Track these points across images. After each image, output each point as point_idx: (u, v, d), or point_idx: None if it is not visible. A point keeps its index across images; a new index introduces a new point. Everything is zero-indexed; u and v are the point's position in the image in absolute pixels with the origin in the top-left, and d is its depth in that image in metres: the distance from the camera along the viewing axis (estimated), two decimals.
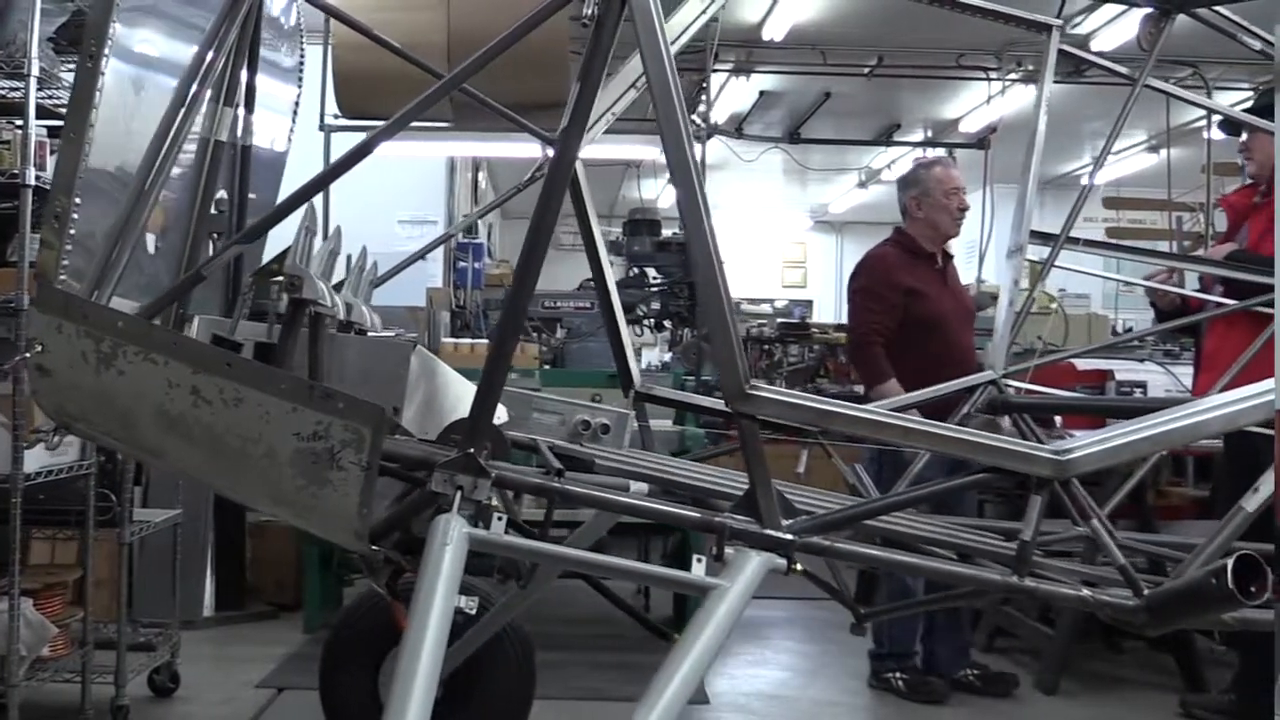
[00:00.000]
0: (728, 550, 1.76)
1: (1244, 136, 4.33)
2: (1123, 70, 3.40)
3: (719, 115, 9.00)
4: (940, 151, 9.53)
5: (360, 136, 6.23)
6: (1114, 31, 7.26)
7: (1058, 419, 4.87)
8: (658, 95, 1.73)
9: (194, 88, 2.23)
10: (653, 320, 8.46)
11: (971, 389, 3.16)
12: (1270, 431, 2.36)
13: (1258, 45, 3.30)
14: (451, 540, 1.70)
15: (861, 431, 1.79)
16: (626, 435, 2.72)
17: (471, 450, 1.77)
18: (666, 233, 8.59)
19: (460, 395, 2.49)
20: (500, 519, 1.75)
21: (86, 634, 3.75)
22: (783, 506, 1.79)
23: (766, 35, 7.44)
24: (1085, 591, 1.83)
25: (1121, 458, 1.80)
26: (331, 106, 5.83)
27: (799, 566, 1.77)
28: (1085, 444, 1.80)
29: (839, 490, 2.54)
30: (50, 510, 3.85)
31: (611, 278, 3.17)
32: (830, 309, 12.80)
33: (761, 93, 8.94)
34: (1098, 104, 7.94)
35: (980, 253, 8.24)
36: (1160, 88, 3.34)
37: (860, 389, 5.08)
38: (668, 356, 10.22)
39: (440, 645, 1.64)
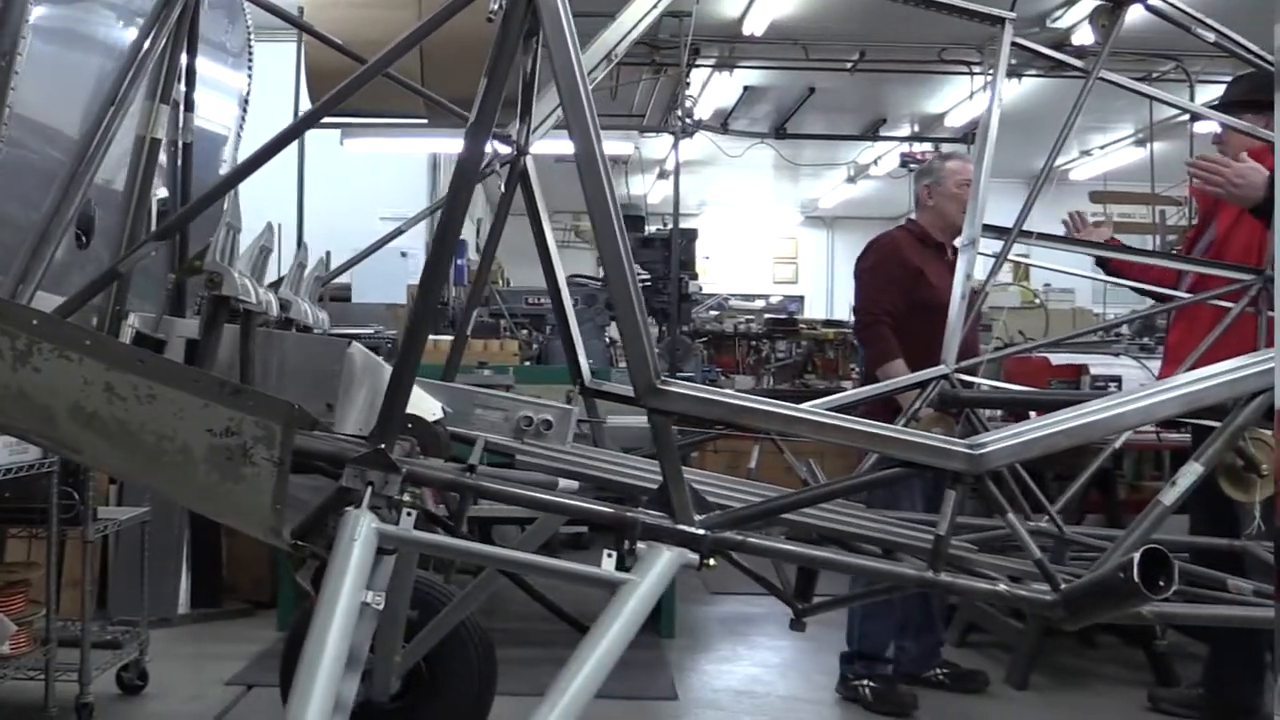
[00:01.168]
0: (640, 546, 1.76)
1: (1218, 128, 4.32)
2: (1076, 63, 3.40)
3: (704, 111, 8.99)
4: (927, 146, 9.53)
5: (335, 133, 6.20)
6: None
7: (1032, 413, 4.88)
8: (565, 92, 1.73)
9: (125, 84, 2.23)
10: None
11: (925, 384, 3.16)
12: (1204, 423, 2.37)
13: (1211, 37, 3.29)
14: (359, 536, 1.71)
15: (775, 426, 1.78)
16: (570, 431, 2.72)
17: (382, 446, 1.77)
18: (650, 229, 8.60)
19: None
20: (410, 514, 1.75)
21: (50, 632, 3.75)
22: (696, 501, 1.79)
23: (747, 30, 7.44)
24: (1002, 586, 1.83)
25: (1035, 452, 1.79)
26: (305, 102, 5.84)
27: (712, 561, 1.77)
28: (999, 438, 1.80)
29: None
30: (18, 509, 3.86)
31: (562, 274, 3.17)
32: (821, 305, 12.81)
33: (746, 88, 8.93)
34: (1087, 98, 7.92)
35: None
36: (1115, 80, 3.32)
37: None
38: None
39: (345, 639, 1.65)
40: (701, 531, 1.76)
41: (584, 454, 2.30)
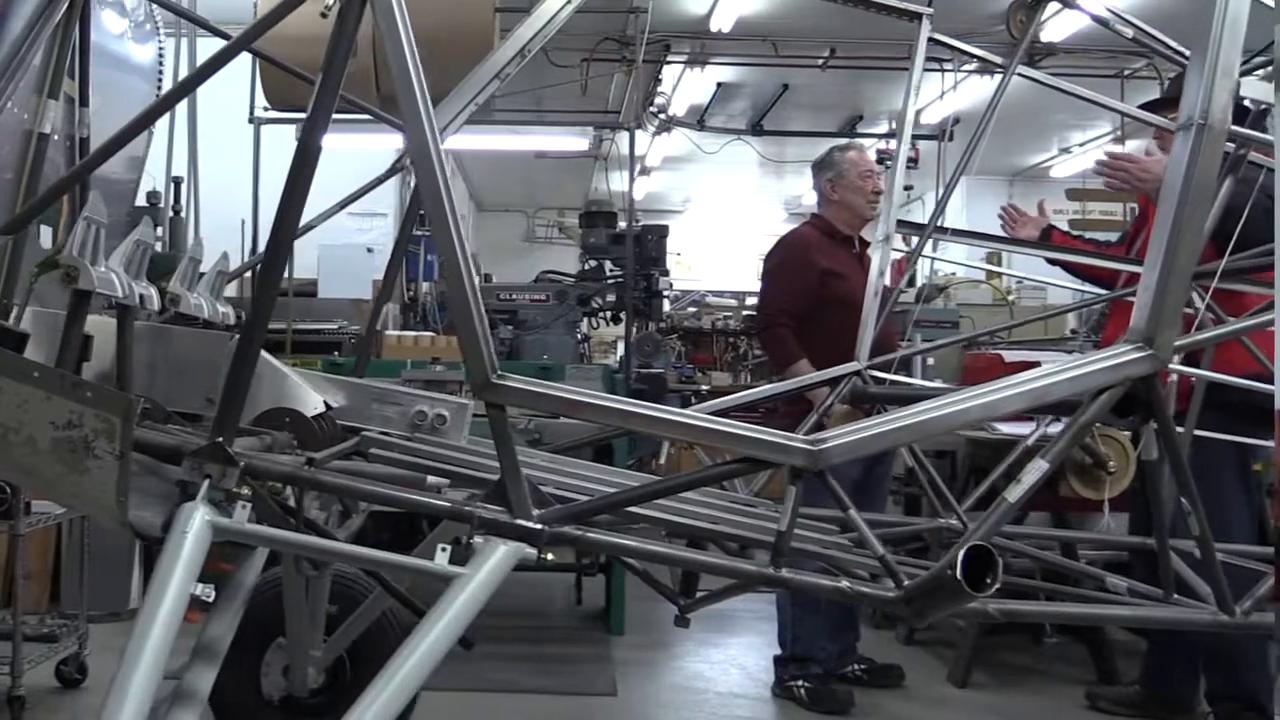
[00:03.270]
0: (476, 539, 1.77)
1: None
2: (995, 60, 3.39)
3: (679, 107, 8.98)
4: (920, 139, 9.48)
5: (289, 129, 6.19)
6: (1063, 22, 7.21)
7: None
8: (398, 84, 1.73)
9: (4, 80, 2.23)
10: (609, 313, 8.44)
11: (837, 380, 3.16)
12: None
13: (1130, 33, 3.28)
14: (191, 529, 1.71)
15: (610, 421, 1.78)
16: (465, 426, 2.72)
17: (220, 440, 1.78)
18: (623, 224, 8.57)
19: (285, 388, 2.49)
20: (245, 507, 1.75)
21: None
22: (535, 496, 1.79)
23: (714, 26, 7.42)
24: (845, 583, 1.82)
25: (874, 448, 1.79)
26: (261, 99, 5.85)
27: (549, 556, 1.77)
28: (838, 434, 1.79)
29: None
30: None
31: (472, 269, 3.18)
32: None
33: (719, 84, 8.92)
34: (1064, 96, 7.91)
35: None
36: (1032, 76, 3.32)
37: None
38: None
39: (170, 630, 1.65)
40: (538, 526, 1.76)
41: (459, 449, 2.30)
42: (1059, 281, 3.76)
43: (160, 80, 3.28)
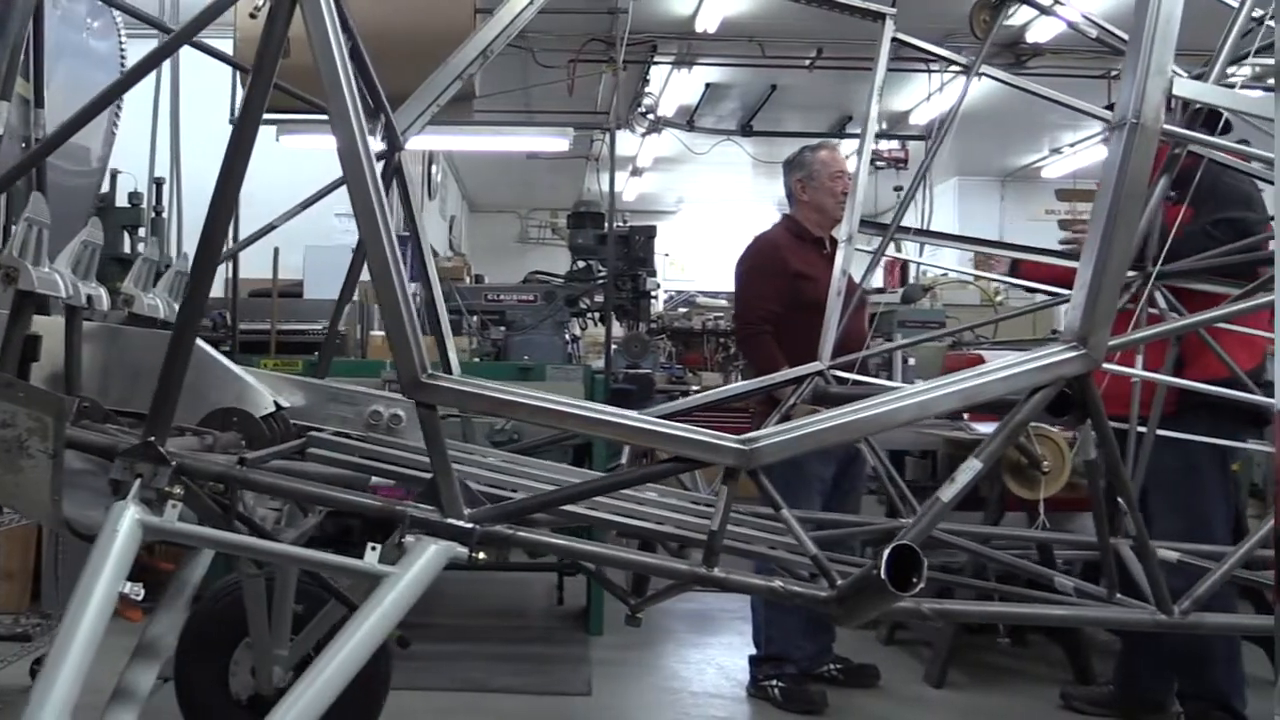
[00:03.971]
0: (407, 539, 1.77)
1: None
2: (959, 60, 3.40)
3: (667, 108, 8.98)
4: (894, 144, 9.49)
5: (271, 129, 6.19)
6: (1047, 23, 7.21)
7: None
8: (328, 87, 1.73)
9: None
10: (597, 313, 8.44)
11: (800, 380, 3.16)
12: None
13: (1094, 33, 3.28)
14: (121, 527, 1.72)
15: (541, 420, 1.78)
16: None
17: (151, 439, 1.78)
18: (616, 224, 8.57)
19: (235, 388, 2.49)
20: (175, 506, 1.76)
21: None
22: (467, 495, 1.80)
23: (700, 27, 7.42)
24: (777, 583, 1.82)
25: (806, 447, 1.79)
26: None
27: (481, 555, 1.78)
28: (771, 434, 1.79)
29: None
30: None
31: (434, 269, 3.18)
32: None
33: (708, 85, 8.92)
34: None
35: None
36: (996, 76, 3.32)
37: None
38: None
39: (97, 628, 1.66)
40: (469, 525, 1.77)
41: (412, 449, 2.31)
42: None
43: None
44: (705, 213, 13.67)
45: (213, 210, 1.78)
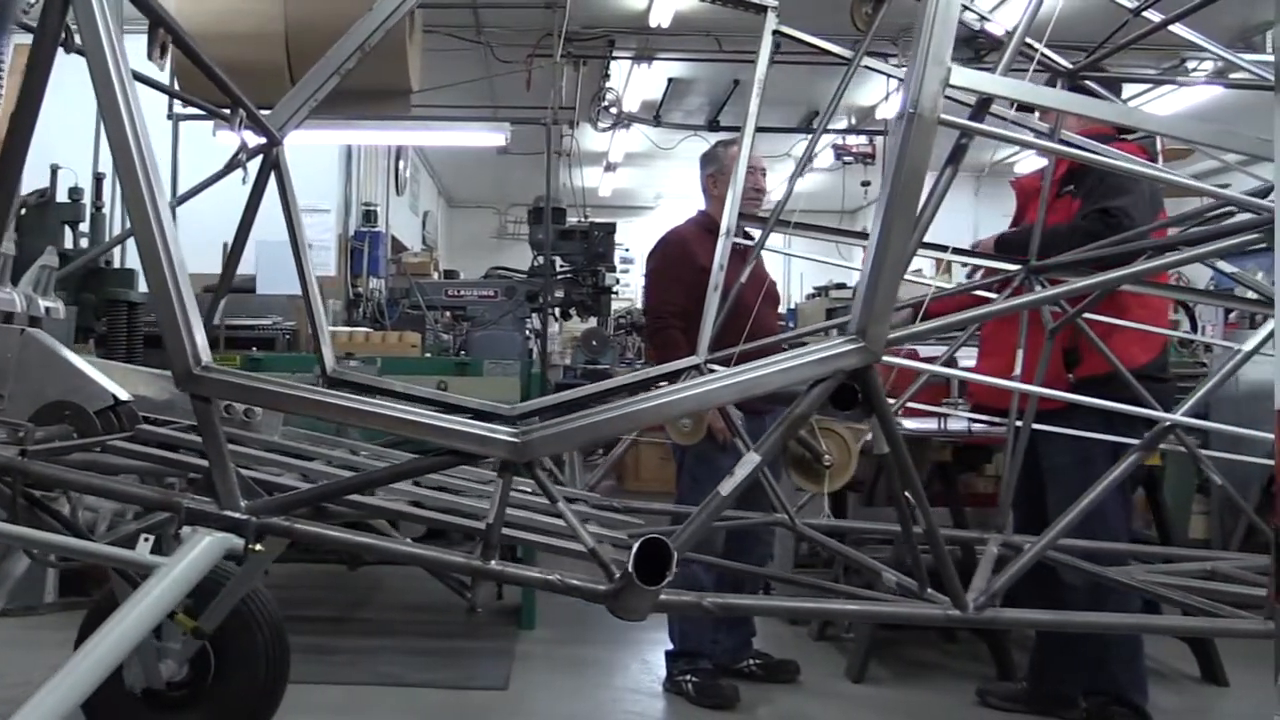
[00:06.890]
0: (184, 530, 1.77)
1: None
2: (840, 51, 3.39)
3: (631, 104, 8.96)
4: (861, 139, 9.44)
5: (206, 125, 6.19)
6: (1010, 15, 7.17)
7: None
8: (98, 82, 1.74)
9: None
10: (557, 309, 8.46)
11: (679, 373, 3.16)
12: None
13: (1000, 33, 3.27)
14: None
15: (313, 413, 1.79)
16: (280, 420, 2.74)
17: None
18: (572, 220, 8.58)
19: (74, 381, 2.50)
20: None
21: None
22: (245, 488, 1.80)
23: (653, 22, 7.40)
24: (554, 576, 1.82)
25: (579, 440, 1.78)
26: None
27: (258, 547, 1.78)
28: (544, 427, 1.79)
29: None
30: None
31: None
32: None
33: (670, 80, 8.90)
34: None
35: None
36: (877, 68, 3.31)
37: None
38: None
39: None
40: (245, 517, 1.77)
41: (247, 441, 2.31)
42: None
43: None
44: (684, 208, 13.63)
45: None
